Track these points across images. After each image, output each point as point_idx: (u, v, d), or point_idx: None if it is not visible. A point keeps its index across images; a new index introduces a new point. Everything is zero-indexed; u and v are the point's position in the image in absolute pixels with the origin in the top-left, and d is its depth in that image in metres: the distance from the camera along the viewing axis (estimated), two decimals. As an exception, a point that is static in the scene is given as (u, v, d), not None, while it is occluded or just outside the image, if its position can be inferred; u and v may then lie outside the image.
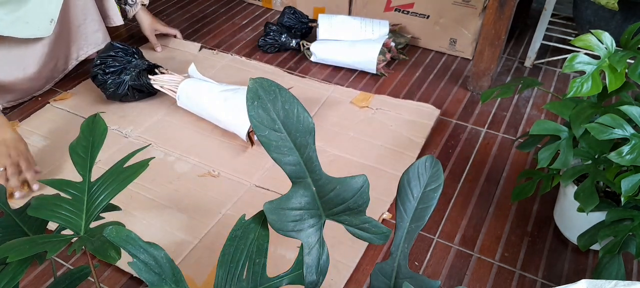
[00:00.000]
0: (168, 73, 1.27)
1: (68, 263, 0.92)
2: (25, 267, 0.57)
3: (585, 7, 1.30)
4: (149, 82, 1.25)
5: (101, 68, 1.23)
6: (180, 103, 1.21)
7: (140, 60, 1.28)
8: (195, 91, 1.19)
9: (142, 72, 1.24)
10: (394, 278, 0.60)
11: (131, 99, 1.27)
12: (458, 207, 1.03)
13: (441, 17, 1.47)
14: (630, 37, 0.81)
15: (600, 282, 0.51)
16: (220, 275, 0.58)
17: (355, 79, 1.40)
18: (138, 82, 1.24)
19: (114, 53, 1.25)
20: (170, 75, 1.25)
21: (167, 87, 1.24)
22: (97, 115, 0.70)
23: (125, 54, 1.26)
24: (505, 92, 0.92)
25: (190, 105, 1.20)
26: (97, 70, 1.23)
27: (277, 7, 1.76)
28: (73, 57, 1.34)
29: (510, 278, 0.89)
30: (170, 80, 1.24)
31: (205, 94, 1.17)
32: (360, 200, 0.57)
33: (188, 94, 1.19)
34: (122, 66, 1.25)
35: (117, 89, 1.24)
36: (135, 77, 1.24)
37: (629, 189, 0.72)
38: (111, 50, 1.25)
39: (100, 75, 1.23)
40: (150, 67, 1.28)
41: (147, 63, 1.28)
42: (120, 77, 1.24)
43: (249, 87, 0.53)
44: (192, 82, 1.20)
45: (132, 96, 1.27)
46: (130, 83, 1.24)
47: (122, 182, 0.62)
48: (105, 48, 1.26)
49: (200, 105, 1.18)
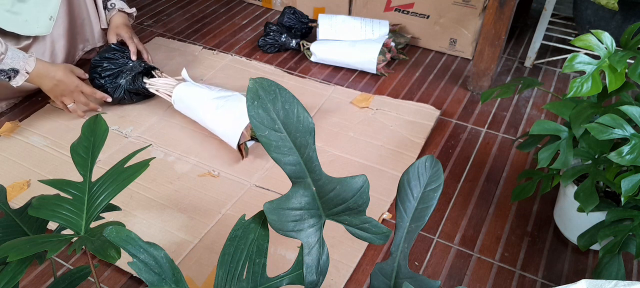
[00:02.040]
0: (163, 76, 1.26)
1: (68, 263, 0.92)
2: (25, 267, 0.57)
3: (585, 7, 1.30)
4: (145, 86, 1.24)
5: (97, 71, 1.23)
6: (176, 107, 1.21)
7: (137, 62, 1.27)
8: (189, 96, 1.17)
9: (137, 76, 1.24)
10: (394, 278, 0.60)
11: (129, 102, 1.27)
12: (458, 207, 1.03)
13: (441, 17, 1.47)
14: (630, 37, 0.81)
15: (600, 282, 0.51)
16: (220, 275, 0.58)
17: (355, 79, 1.40)
18: (134, 86, 1.24)
19: (111, 55, 1.24)
20: (165, 78, 1.24)
21: (163, 91, 1.23)
22: (98, 115, 0.70)
23: (122, 55, 1.26)
24: (505, 92, 0.92)
25: (185, 109, 1.19)
26: (94, 74, 1.23)
27: (277, 7, 1.77)
28: (79, 48, 1.35)
29: (510, 278, 0.89)
30: (164, 84, 1.23)
31: (197, 100, 1.15)
32: (360, 200, 0.57)
33: (182, 98, 1.18)
34: (118, 69, 1.24)
35: (114, 93, 1.24)
36: (131, 81, 1.23)
37: (629, 189, 0.72)
38: (110, 52, 1.25)
39: (97, 80, 1.23)
40: (147, 69, 1.26)
41: (143, 66, 1.26)
42: (117, 81, 1.23)
43: (249, 87, 0.53)
44: (185, 87, 1.18)
45: (130, 99, 1.27)
46: (126, 87, 1.24)
47: (122, 182, 0.62)
48: (104, 50, 1.26)
49: (194, 111, 1.17)
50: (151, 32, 1.62)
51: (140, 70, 1.25)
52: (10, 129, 1.20)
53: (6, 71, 1.07)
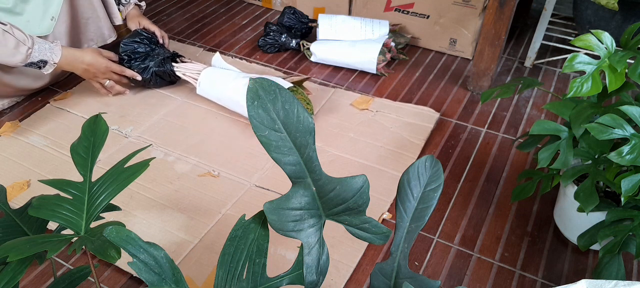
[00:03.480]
0: (190, 61, 1.32)
1: (68, 263, 0.92)
2: (25, 267, 0.57)
3: (585, 7, 1.30)
4: (173, 69, 1.29)
5: (127, 53, 1.28)
6: (199, 90, 1.25)
7: (163, 48, 1.34)
8: (219, 77, 1.22)
9: (166, 59, 1.30)
10: (394, 278, 0.60)
11: (154, 85, 1.32)
12: (458, 207, 1.03)
13: (441, 17, 1.47)
14: (630, 37, 0.81)
15: (600, 282, 0.51)
16: (220, 275, 0.58)
17: (355, 79, 1.40)
18: (162, 69, 1.29)
19: (139, 39, 1.29)
20: (193, 63, 1.30)
21: (189, 74, 1.28)
22: (98, 115, 0.70)
23: (150, 41, 1.31)
24: (505, 92, 0.92)
25: (211, 91, 1.24)
26: (123, 55, 1.28)
27: (277, 7, 1.76)
28: (83, 47, 1.35)
29: (510, 278, 0.89)
30: (192, 68, 1.29)
31: (227, 79, 1.21)
32: (360, 200, 0.57)
33: (211, 79, 1.23)
34: (147, 53, 1.29)
35: (142, 74, 1.28)
36: (160, 63, 1.28)
37: (629, 189, 0.72)
38: (137, 36, 1.30)
39: (126, 61, 1.28)
40: (173, 55, 1.33)
41: (170, 51, 1.33)
42: (145, 63, 1.28)
43: (249, 87, 0.53)
44: (215, 69, 1.25)
45: (155, 82, 1.31)
46: (154, 69, 1.28)
47: (122, 182, 0.62)
48: (132, 34, 1.31)
49: (222, 91, 1.21)
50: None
51: (169, 55, 1.32)
52: (10, 128, 1.20)
53: (36, 63, 1.12)
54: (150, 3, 1.81)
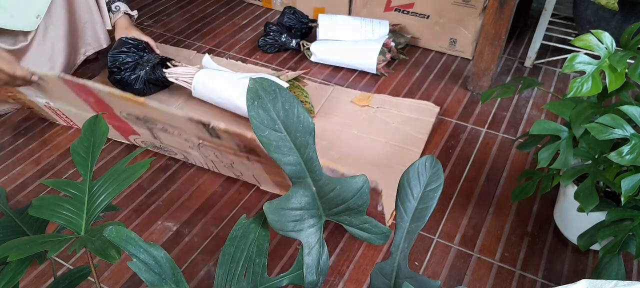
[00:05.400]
0: (181, 65, 1.29)
1: (68, 263, 0.92)
2: (25, 267, 0.57)
3: (585, 7, 1.30)
4: (164, 75, 1.27)
5: (116, 65, 1.25)
6: (195, 93, 1.24)
7: (152, 54, 1.31)
8: (212, 79, 1.21)
9: (156, 66, 1.27)
10: (394, 278, 0.60)
11: (147, 92, 1.29)
12: (458, 207, 1.03)
13: (441, 17, 1.47)
14: (630, 37, 0.81)
15: (600, 282, 0.51)
16: (220, 275, 0.58)
17: (355, 78, 1.40)
18: (153, 76, 1.26)
19: (126, 49, 1.27)
20: (185, 67, 1.28)
21: (182, 79, 1.26)
22: (98, 115, 0.70)
23: (137, 49, 1.29)
24: (505, 92, 0.92)
25: (206, 94, 1.22)
26: (113, 69, 1.25)
27: (277, 7, 1.76)
28: (81, 52, 1.35)
29: (510, 278, 0.89)
30: (184, 72, 1.26)
31: (222, 81, 1.19)
32: (360, 200, 0.57)
33: (204, 82, 1.21)
34: (135, 61, 1.27)
35: (134, 85, 1.26)
36: (150, 71, 1.26)
37: (629, 189, 0.72)
38: (123, 46, 1.27)
39: (116, 74, 1.25)
40: (162, 60, 1.30)
41: (159, 57, 1.31)
42: (136, 72, 1.26)
43: (249, 87, 0.53)
44: (208, 71, 1.23)
45: (148, 90, 1.29)
46: (145, 77, 1.26)
47: (122, 182, 0.62)
48: (117, 44, 1.28)
49: (217, 93, 1.20)
50: (151, 32, 1.62)
51: (158, 60, 1.29)
52: (10, 129, 1.20)
53: None
54: (150, 3, 1.81)
